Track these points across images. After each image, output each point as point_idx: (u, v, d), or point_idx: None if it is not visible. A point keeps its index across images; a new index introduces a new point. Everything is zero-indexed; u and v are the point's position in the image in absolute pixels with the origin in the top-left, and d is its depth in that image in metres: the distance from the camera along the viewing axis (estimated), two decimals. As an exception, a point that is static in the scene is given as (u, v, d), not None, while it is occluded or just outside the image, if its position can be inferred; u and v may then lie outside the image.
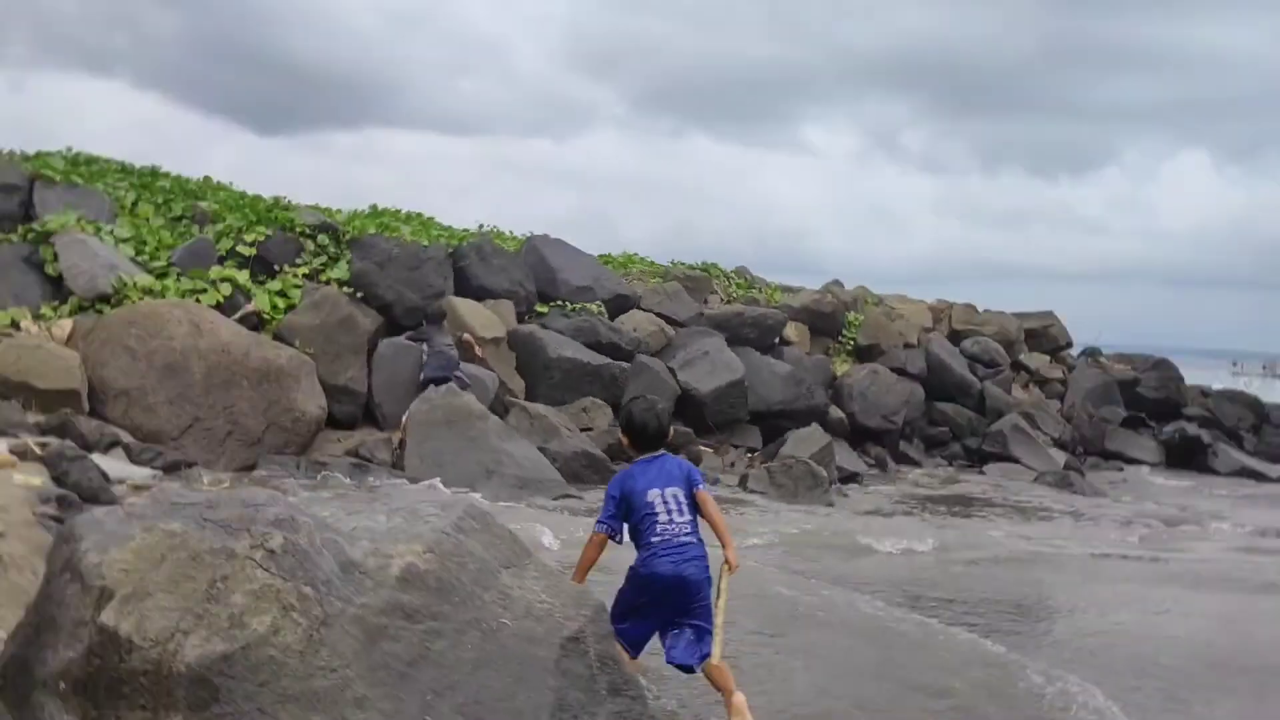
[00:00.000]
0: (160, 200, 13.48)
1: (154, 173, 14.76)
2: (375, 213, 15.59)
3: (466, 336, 12.67)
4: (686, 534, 4.48)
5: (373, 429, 11.96)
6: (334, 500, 8.88)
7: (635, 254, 19.46)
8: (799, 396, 16.02)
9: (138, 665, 2.94)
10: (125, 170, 14.53)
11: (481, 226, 17.07)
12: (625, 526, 4.54)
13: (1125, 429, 19.99)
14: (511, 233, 17.41)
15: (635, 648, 4.42)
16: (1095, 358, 24.16)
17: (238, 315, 11.51)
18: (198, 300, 11.33)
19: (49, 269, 11.17)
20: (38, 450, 7.87)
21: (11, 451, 7.67)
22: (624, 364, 14.47)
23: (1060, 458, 17.90)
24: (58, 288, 11.15)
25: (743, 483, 12.28)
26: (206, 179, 15.38)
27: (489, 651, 3.44)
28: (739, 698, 4.28)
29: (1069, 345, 23.58)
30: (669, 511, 4.51)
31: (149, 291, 11.21)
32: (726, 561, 4.40)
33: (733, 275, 20.47)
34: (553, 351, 13.74)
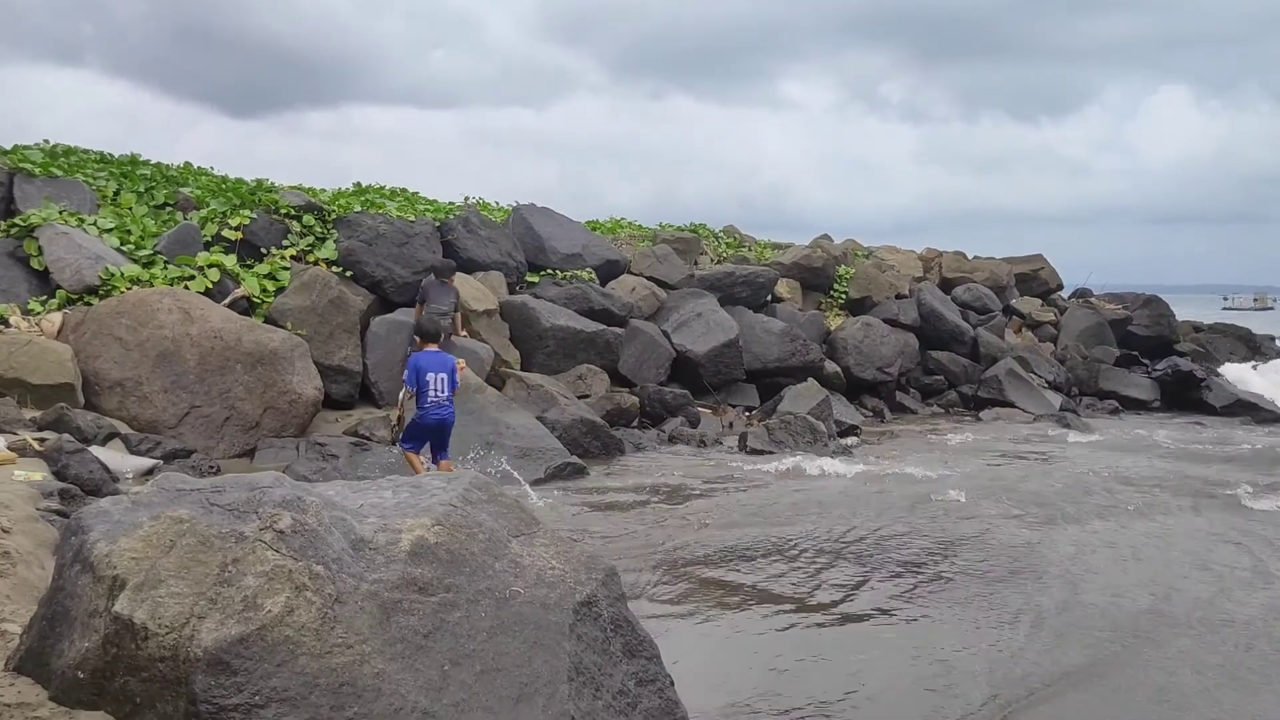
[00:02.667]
0: (142, 189, 13.37)
1: (134, 161, 14.62)
2: (360, 190, 15.49)
3: (458, 315, 12.64)
4: (445, 401, 8.86)
5: (370, 407, 11.96)
6: (338, 479, 8.94)
7: (623, 219, 19.40)
8: (794, 353, 16.06)
9: (155, 652, 2.94)
10: (105, 160, 14.39)
11: (467, 199, 16.98)
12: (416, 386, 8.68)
13: (1119, 368, 20.09)
14: (498, 203, 17.34)
15: (416, 452, 8.93)
16: (1086, 299, 24.24)
17: (227, 300, 11.46)
18: (186, 287, 11.26)
19: (34, 263, 11.07)
20: (36, 446, 7.86)
21: (10, 448, 7.66)
22: (618, 329, 14.47)
23: (1056, 400, 18.02)
24: (44, 281, 11.07)
25: (742, 441, 12.31)
26: (187, 165, 15.26)
27: (504, 619, 3.46)
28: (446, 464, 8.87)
29: (1060, 288, 23.67)
30: (436, 390, 8.80)
31: (137, 281, 11.13)
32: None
33: (722, 235, 20.43)
34: (546, 321, 13.72)
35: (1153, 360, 20.98)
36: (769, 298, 17.58)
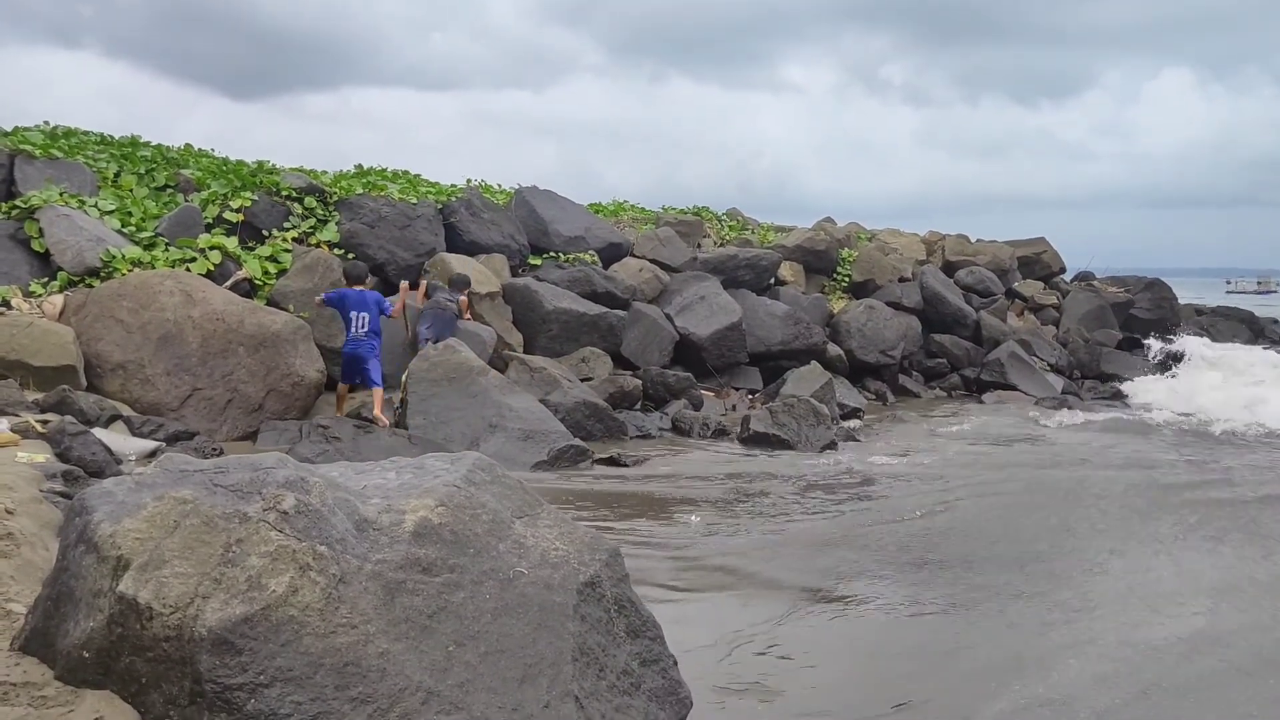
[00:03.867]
0: (143, 170, 13.32)
1: (134, 143, 14.57)
2: (361, 172, 15.44)
3: (462, 298, 12.63)
4: (364, 335, 10.85)
5: (373, 390, 11.93)
6: (341, 461, 8.97)
7: (625, 201, 19.34)
8: (797, 336, 16.04)
9: (159, 632, 2.94)
10: (105, 141, 14.34)
11: (469, 181, 16.92)
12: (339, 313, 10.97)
13: (1121, 351, 20.06)
14: (500, 186, 17.28)
15: (349, 384, 11.06)
16: (1089, 282, 24.19)
17: (229, 283, 11.44)
18: (188, 269, 11.25)
19: (35, 245, 11.05)
20: (39, 428, 7.86)
21: (13, 429, 7.66)
22: (621, 312, 14.44)
23: (1058, 383, 18.01)
24: (45, 263, 11.05)
25: (745, 424, 12.30)
26: (188, 146, 15.20)
27: (508, 600, 3.46)
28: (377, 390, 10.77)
29: (1062, 271, 23.61)
30: (358, 325, 10.88)
31: (138, 263, 11.11)
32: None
33: (724, 218, 20.37)
34: (549, 304, 13.70)
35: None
36: (772, 280, 17.55)
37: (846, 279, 19.09)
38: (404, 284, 12.36)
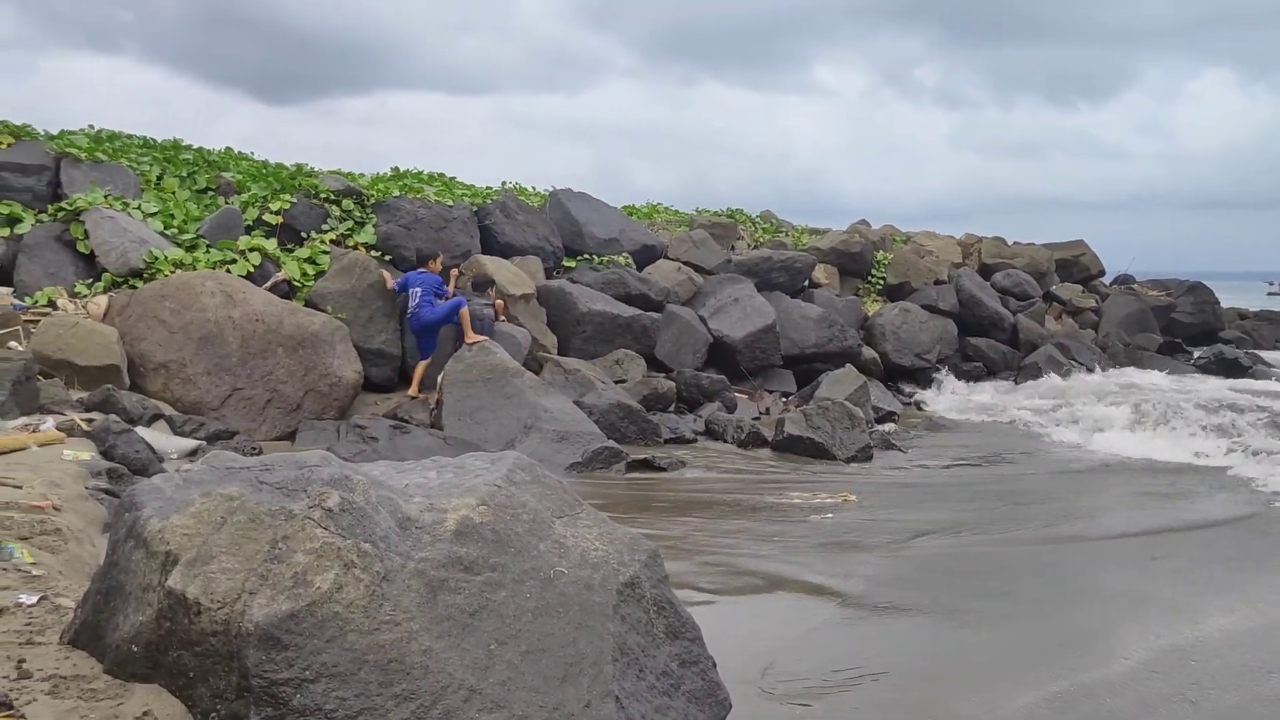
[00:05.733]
0: (184, 173, 13.52)
1: (176, 146, 14.80)
2: (398, 175, 15.57)
3: (498, 301, 12.71)
4: (418, 308, 11.71)
5: (408, 390, 12.03)
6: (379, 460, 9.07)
7: (659, 204, 19.35)
8: (831, 338, 15.97)
9: (207, 626, 2.98)
10: (147, 145, 14.57)
11: (504, 184, 17.01)
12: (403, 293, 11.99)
13: (1161, 355, 19.79)
14: (534, 188, 17.35)
15: (426, 357, 11.86)
16: (1128, 285, 23.89)
17: (269, 284, 11.57)
18: (228, 271, 11.39)
19: (80, 246, 11.25)
20: (84, 426, 7.99)
21: (58, 428, 7.79)
22: (654, 314, 14.45)
23: (1098, 388, 17.75)
24: (90, 265, 11.25)
25: (779, 427, 12.25)
26: (228, 150, 15.41)
27: (548, 600, 3.47)
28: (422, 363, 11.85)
29: (1101, 274, 23.34)
30: (417, 299, 11.76)
31: (180, 264, 11.28)
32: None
33: (758, 220, 20.33)
34: (583, 306, 13.73)
35: (1197, 348, 20.66)
36: (806, 283, 17.48)
37: (881, 281, 18.97)
38: (454, 270, 12.92)
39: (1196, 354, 20.30)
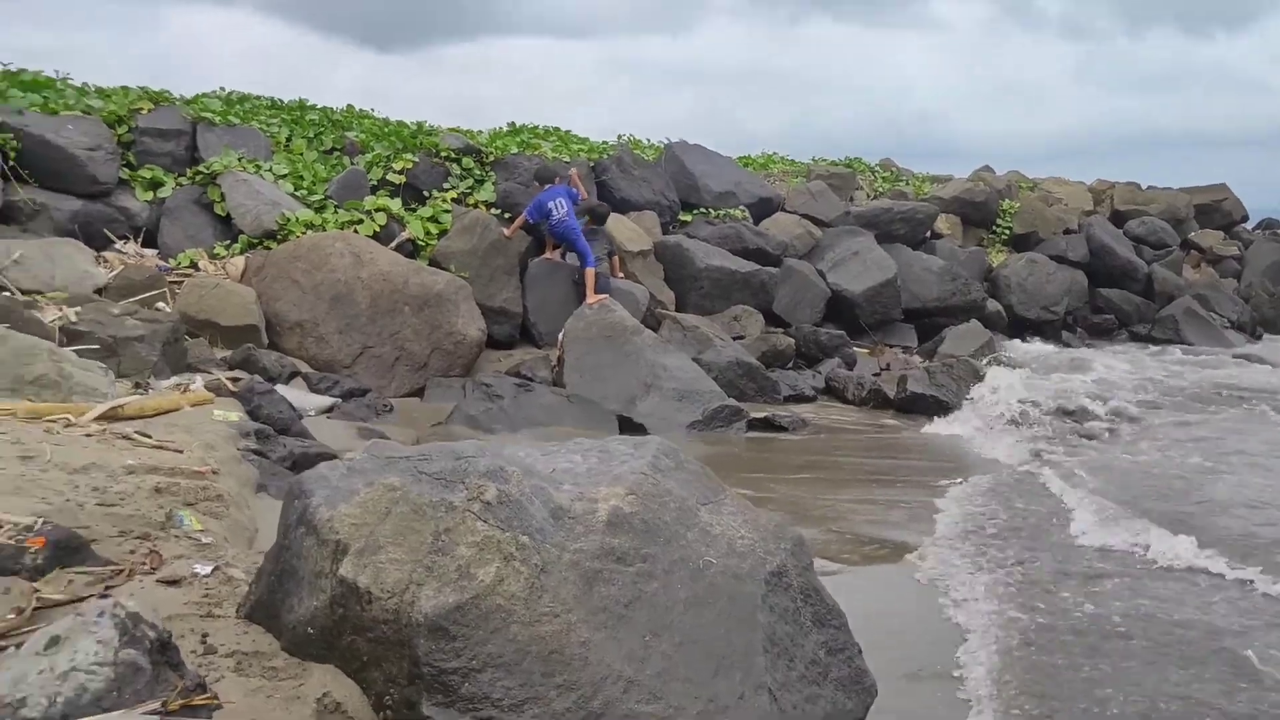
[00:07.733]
0: (311, 134, 13.86)
1: (302, 106, 15.15)
2: (515, 130, 15.66)
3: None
4: (566, 216, 12.12)
5: (530, 348, 12.23)
6: (504, 419, 9.31)
7: (774, 154, 19.03)
8: (954, 292, 15.56)
9: (379, 615, 3.10)
10: (275, 106, 14.96)
11: (620, 137, 16.94)
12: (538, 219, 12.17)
13: (1311, 307, 18.69)
14: (649, 140, 17.24)
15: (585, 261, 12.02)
16: (1275, 230, 22.54)
17: (394, 244, 11.84)
18: (355, 231, 11.69)
19: (218, 209, 11.68)
20: (230, 386, 8.35)
21: (206, 387, 8.16)
22: (772, 269, 14.30)
23: (1239, 341, 16.92)
24: (227, 227, 11.68)
25: (901, 384, 12.03)
26: (350, 108, 15.71)
27: (698, 590, 3.50)
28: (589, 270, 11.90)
29: (1245, 219, 22.05)
30: (558, 210, 12.09)
31: (310, 225, 11.61)
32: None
33: (878, 169, 19.84)
34: (700, 261, 13.67)
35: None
36: (928, 234, 17.02)
37: (1007, 231, 18.33)
38: (573, 171, 13.21)
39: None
